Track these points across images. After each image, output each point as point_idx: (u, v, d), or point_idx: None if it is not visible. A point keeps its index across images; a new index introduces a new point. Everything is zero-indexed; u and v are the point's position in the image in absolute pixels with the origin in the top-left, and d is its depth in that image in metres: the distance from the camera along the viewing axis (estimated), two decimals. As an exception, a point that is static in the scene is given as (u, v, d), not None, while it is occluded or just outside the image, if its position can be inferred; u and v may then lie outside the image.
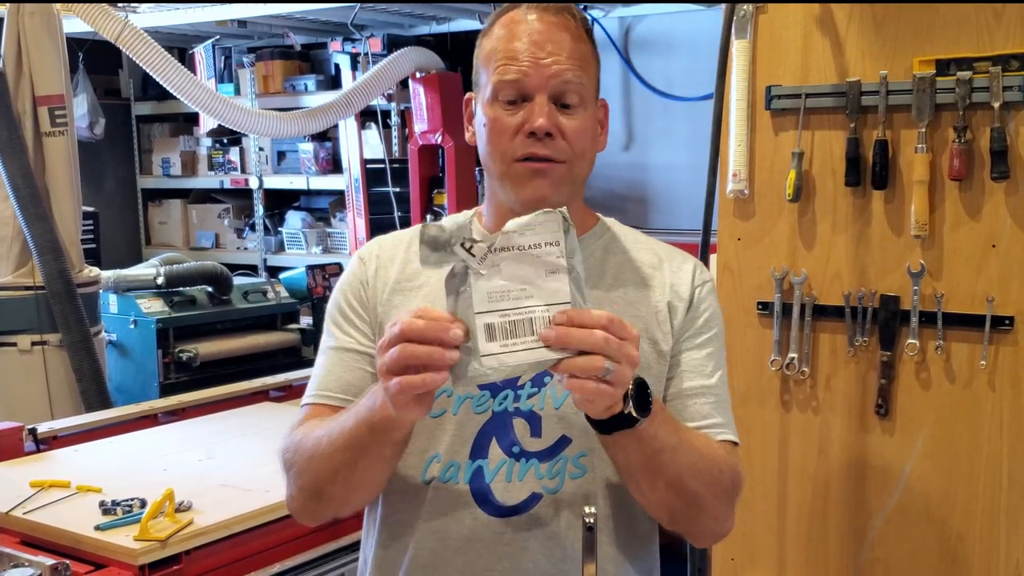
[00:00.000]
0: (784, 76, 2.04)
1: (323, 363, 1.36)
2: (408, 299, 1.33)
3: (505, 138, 1.26)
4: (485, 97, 1.28)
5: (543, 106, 1.24)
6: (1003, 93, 1.82)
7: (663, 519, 1.27)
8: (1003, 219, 1.87)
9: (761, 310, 2.11)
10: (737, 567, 2.18)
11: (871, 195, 1.98)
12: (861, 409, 2.03)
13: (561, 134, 1.26)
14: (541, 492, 1.27)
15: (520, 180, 1.27)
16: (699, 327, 1.34)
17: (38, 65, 3.74)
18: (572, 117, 1.26)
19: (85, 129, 5.52)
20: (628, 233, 1.41)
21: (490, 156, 1.29)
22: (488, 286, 1.05)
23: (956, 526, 1.95)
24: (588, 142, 1.29)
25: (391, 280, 1.35)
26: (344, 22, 4.96)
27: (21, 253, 3.77)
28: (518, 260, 1.05)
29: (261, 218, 5.83)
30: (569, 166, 1.28)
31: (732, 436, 1.32)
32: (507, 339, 1.05)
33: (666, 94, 4.64)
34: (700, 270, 1.38)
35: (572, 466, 1.27)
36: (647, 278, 1.35)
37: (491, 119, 1.27)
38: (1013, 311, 1.87)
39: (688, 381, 1.31)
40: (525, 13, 1.28)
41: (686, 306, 1.34)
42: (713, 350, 1.34)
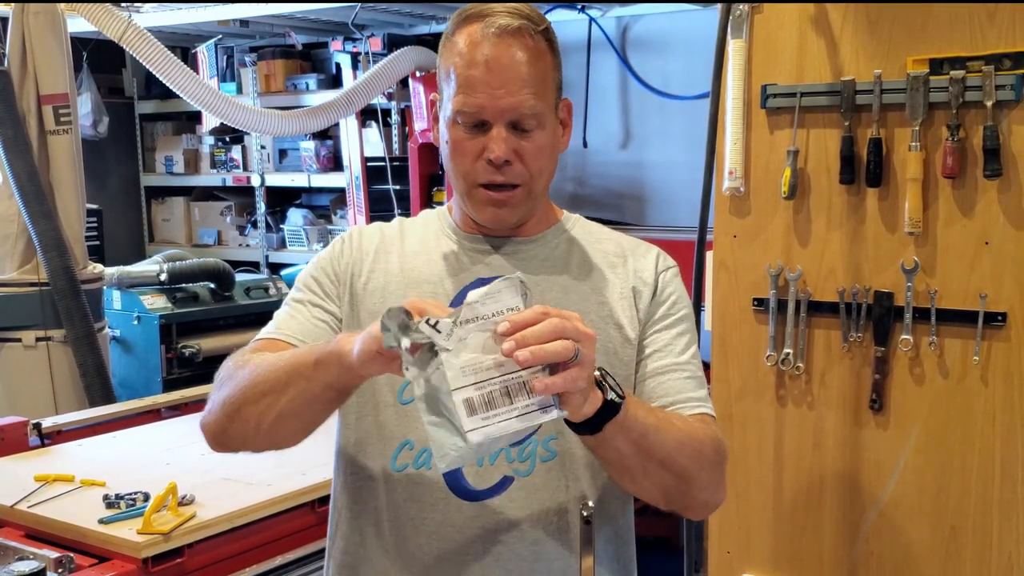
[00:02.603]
0: (779, 75, 2.07)
1: (287, 311, 1.37)
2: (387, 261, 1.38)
3: (467, 161, 1.30)
4: (447, 115, 1.31)
5: (500, 137, 1.27)
6: (996, 92, 1.84)
7: (659, 501, 1.28)
8: (996, 216, 1.89)
9: (757, 306, 2.13)
10: (733, 560, 2.20)
11: (865, 193, 2.00)
12: (855, 404, 2.05)
13: (520, 158, 1.29)
14: (512, 475, 1.29)
15: (480, 204, 1.32)
16: (666, 310, 1.37)
17: (43, 64, 3.76)
18: (530, 139, 1.29)
19: (89, 127, 5.54)
20: (591, 227, 1.46)
21: (452, 173, 1.34)
22: (459, 361, 1.03)
23: (949, 519, 1.97)
24: (547, 158, 1.32)
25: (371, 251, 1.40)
26: (345, 22, 4.98)
27: (26, 250, 3.80)
28: (483, 329, 1.04)
29: (263, 215, 5.85)
30: (527, 188, 1.32)
31: (709, 410, 1.34)
32: (487, 410, 1.03)
33: (663, 93, 4.65)
34: (663, 257, 1.42)
35: (542, 449, 1.30)
36: (611, 266, 1.39)
37: (453, 140, 1.31)
38: (1005, 307, 1.89)
39: (660, 360, 1.34)
40: (484, 30, 1.26)
41: (651, 291, 1.37)
42: (682, 330, 1.37)
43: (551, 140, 1.33)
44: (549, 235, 1.40)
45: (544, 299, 1.33)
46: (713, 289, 2.20)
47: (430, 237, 1.41)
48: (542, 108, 1.29)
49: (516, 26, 1.27)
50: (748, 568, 2.19)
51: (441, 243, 1.40)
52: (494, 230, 1.38)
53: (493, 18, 1.27)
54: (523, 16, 1.28)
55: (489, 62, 1.26)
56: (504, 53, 1.26)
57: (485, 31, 1.26)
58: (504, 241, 1.38)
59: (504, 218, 1.33)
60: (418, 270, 1.37)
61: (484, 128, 1.28)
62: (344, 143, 5.44)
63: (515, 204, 1.32)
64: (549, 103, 1.31)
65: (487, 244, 1.38)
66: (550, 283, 1.36)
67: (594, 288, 1.37)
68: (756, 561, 2.18)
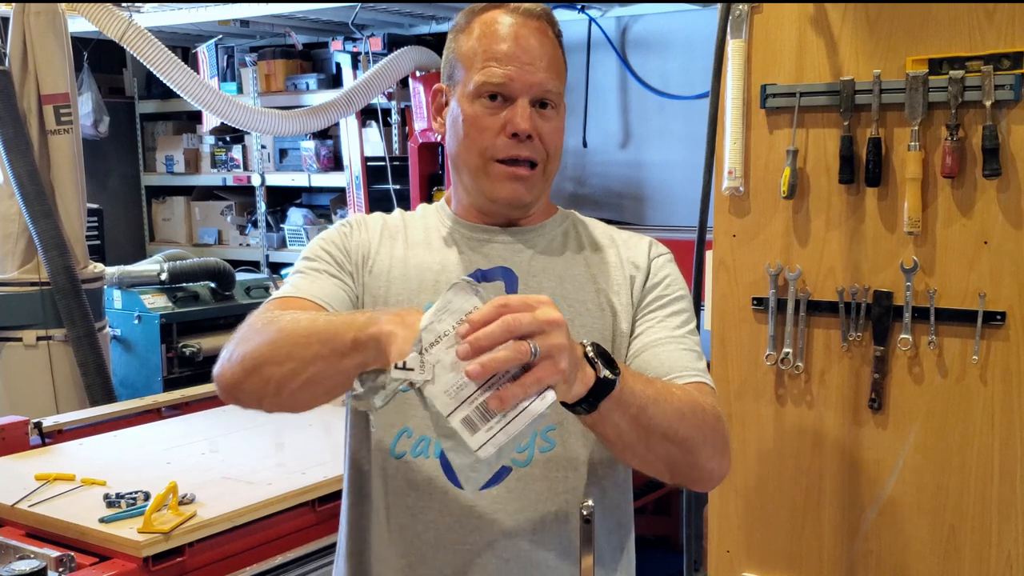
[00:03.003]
0: (779, 75, 2.07)
1: (301, 277, 1.34)
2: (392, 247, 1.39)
3: (487, 136, 1.31)
4: (466, 91, 1.32)
5: (525, 109, 1.30)
6: (995, 92, 1.84)
7: (664, 474, 1.24)
8: (995, 216, 1.89)
9: (756, 306, 2.13)
10: (732, 559, 2.21)
11: (865, 192, 2.00)
12: (855, 403, 2.05)
13: (539, 136, 1.31)
14: (511, 466, 1.30)
15: (498, 180, 1.33)
16: (660, 292, 1.38)
17: (43, 64, 3.77)
18: (549, 119, 1.33)
19: (90, 127, 5.55)
20: (587, 220, 1.48)
21: (467, 150, 1.33)
22: (441, 386, 1.01)
23: (948, 518, 1.97)
24: (559, 141, 1.36)
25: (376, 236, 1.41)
26: (345, 21, 4.99)
27: (27, 249, 3.81)
28: (449, 345, 1.02)
29: (263, 215, 5.86)
30: (543, 167, 1.34)
31: (708, 380, 1.31)
32: (486, 422, 1.01)
33: (662, 93, 4.66)
34: (655, 245, 1.44)
35: (541, 439, 1.30)
36: (606, 255, 1.41)
37: (471, 115, 1.32)
38: (1004, 306, 1.89)
39: (655, 334, 1.34)
40: (507, 14, 1.33)
41: (644, 275, 1.39)
42: (677, 309, 1.37)
43: (563, 126, 1.37)
44: (547, 225, 1.43)
45: (541, 287, 1.34)
46: (713, 288, 2.20)
47: (431, 227, 1.43)
48: (561, 91, 1.35)
49: (539, 12, 1.34)
50: (748, 567, 2.19)
51: (442, 232, 1.41)
52: (495, 218, 1.39)
53: (516, 4, 1.34)
54: (542, 9, 1.35)
55: (519, 38, 1.31)
56: (532, 33, 1.32)
57: (512, 14, 1.33)
58: (503, 230, 1.39)
59: (521, 195, 1.34)
60: (420, 258, 1.38)
61: (507, 103, 1.31)
62: (344, 143, 5.44)
63: (532, 183, 1.34)
64: (562, 92, 1.36)
65: (487, 233, 1.39)
66: (548, 271, 1.37)
67: (591, 276, 1.38)
68: (756, 560, 2.19)
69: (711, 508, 2.23)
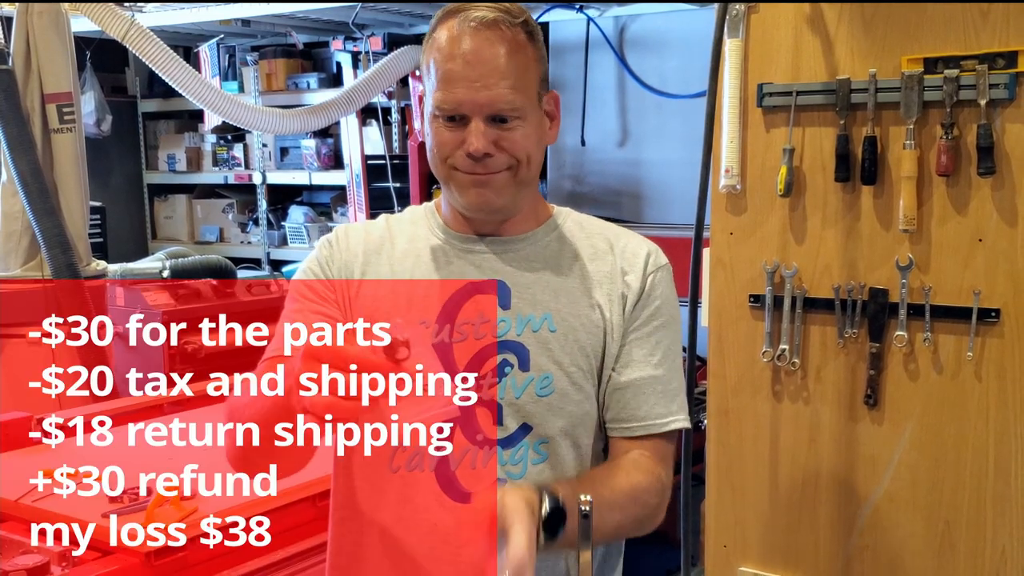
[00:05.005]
0: (775, 74, 2.08)
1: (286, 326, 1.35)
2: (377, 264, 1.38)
3: (446, 150, 1.30)
4: (428, 108, 1.31)
5: (479, 130, 1.27)
6: (989, 91, 1.85)
7: None
8: (989, 214, 1.90)
9: (753, 303, 2.15)
10: (729, 554, 2.23)
11: (860, 190, 2.02)
12: (851, 399, 2.07)
13: (500, 149, 1.29)
14: (505, 478, 1.30)
15: (462, 188, 1.32)
16: (648, 315, 1.36)
17: (46, 63, 3.77)
18: (513, 129, 1.29)
19: (92, 126, 5.56)
20: (583, 220, 1.44)
21: (433, 162, 1.33)
22: None
23: (943, 513, 1.99)
24: (532, 145, 1.31)
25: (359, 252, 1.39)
26: (346, 21, 5.00)
27: (30, 247, 3.82)
28: None
29: (264, 213, 5.87)
30: (513, 172, 1.31)
31: (679, 423, 1.35)
32: None
33: (660, 92, 4.67)
34: (654, 257, 1.40)
35: (533, 452, 1.31)
36: (600, 265, 1.38)
37: (433, 131, 1.31)
38: (999, 303, 1.91)
39: (635, 372, 1.34)
40: (461, 24, 1.27)
41: (636, 296, 1.36)
42: (661, 337, 1.36)
43: (535, 132, 1.32)
44: (539, 233, 1.39)
45: (534, 300, 1.34)
46: (710, 286, 2.22)
47: (419, 236, 1.40)
48: (522, 101, 1.28)
49: (492, 18, 1.27)
50: (744, 562, 2.21)
51: (430, 242, 1.39)
52: (483, 226, 1.37)
53: (471, 12, 1.28)
54: (501, 9, 1.28)
55: (466, 55, 1.26)
56: (481, 46, 1.26)
57: (463, 25, 1.27)
58: (493, 240, 1.37)
59: (489, 200, 1.31)
60: (408, 272, 1.36)
61: (464, 122, 1.28)
62: (345, 141, 5.46)
63: (499, 186, 1.31)
64: (531, 95, 1.30)
65: (477, 244, 1.37)
66: (541, 283, 1.35)
67: (586, 290, 1.36)
68: (752, 555, 2.20)
69: (708, 503, 2.25)
